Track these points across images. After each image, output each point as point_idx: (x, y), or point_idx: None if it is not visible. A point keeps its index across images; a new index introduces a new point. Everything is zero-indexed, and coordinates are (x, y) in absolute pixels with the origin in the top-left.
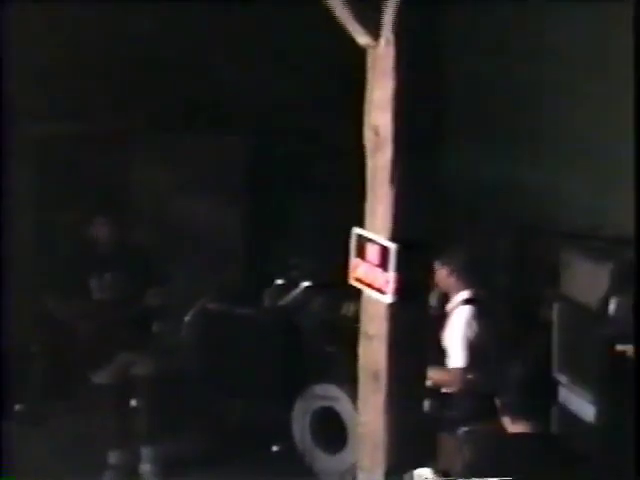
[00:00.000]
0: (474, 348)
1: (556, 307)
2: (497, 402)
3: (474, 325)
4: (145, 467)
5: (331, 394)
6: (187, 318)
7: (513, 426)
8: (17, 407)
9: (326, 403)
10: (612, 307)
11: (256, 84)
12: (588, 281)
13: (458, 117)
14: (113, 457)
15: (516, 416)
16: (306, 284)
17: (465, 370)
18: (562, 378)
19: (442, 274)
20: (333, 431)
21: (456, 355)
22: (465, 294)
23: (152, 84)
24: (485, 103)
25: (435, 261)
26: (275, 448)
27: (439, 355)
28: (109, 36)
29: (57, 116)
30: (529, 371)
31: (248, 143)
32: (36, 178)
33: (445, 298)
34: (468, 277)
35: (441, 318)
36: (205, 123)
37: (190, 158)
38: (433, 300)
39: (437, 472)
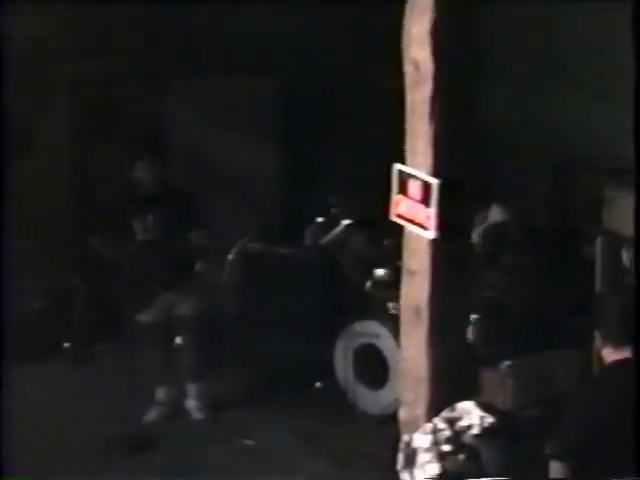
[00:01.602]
0: None
1: (599, 242)
2: (598, 333)
3: None
4: (191, 403)
5: (373, 331)
6: (229, 257)
7: (615, 354)
8: (65, 345)
9: (368, 340)
10: None
11: (287, 21)
12: (632, 216)
13: (501, 51)
14: (160, 393)
15: (619, 344)
16: (346, 222)
17: None
18: None
19: None
20: (375, 367)
21: None
22: None
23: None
24: (529, 37)
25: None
26: (318, 385)
27: None
28: None
29: (94, 56)
30: (629, 299)
31: (283, 81)
32: (78, 120)
33: None
34: None
35: None
36: (237, 63)
37: (227, 99)
38: None
39: (480, 406)
